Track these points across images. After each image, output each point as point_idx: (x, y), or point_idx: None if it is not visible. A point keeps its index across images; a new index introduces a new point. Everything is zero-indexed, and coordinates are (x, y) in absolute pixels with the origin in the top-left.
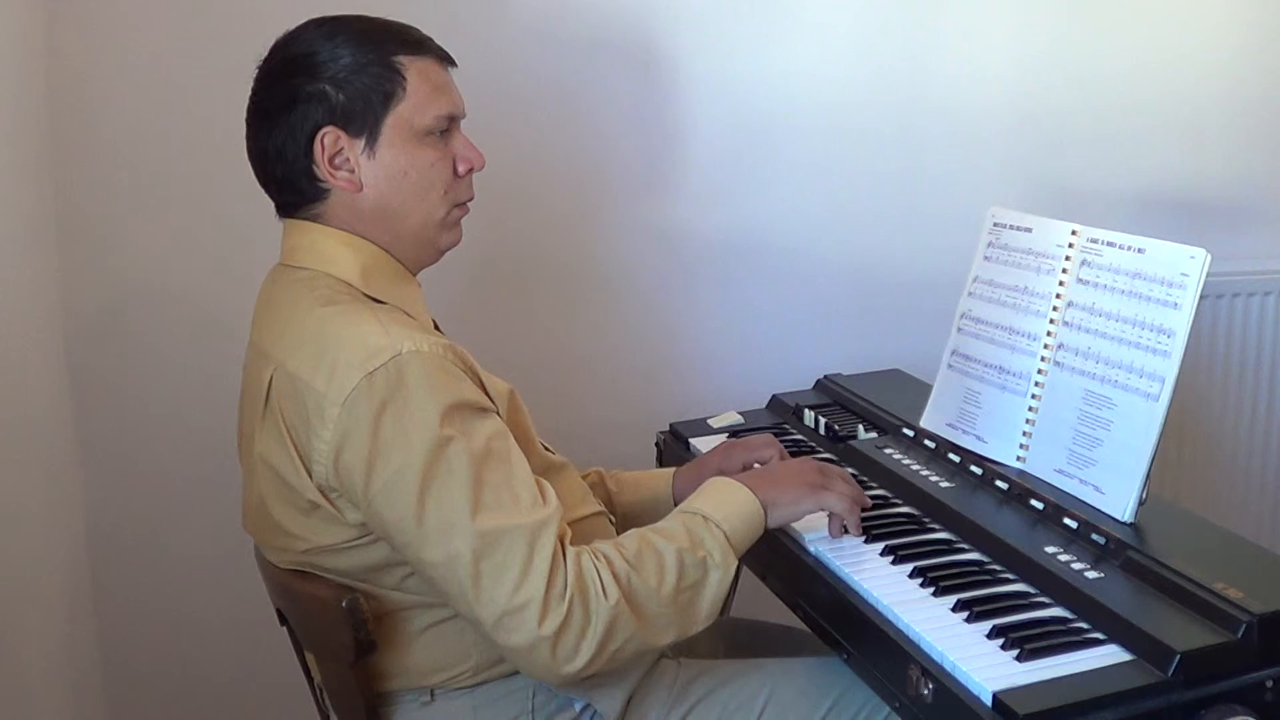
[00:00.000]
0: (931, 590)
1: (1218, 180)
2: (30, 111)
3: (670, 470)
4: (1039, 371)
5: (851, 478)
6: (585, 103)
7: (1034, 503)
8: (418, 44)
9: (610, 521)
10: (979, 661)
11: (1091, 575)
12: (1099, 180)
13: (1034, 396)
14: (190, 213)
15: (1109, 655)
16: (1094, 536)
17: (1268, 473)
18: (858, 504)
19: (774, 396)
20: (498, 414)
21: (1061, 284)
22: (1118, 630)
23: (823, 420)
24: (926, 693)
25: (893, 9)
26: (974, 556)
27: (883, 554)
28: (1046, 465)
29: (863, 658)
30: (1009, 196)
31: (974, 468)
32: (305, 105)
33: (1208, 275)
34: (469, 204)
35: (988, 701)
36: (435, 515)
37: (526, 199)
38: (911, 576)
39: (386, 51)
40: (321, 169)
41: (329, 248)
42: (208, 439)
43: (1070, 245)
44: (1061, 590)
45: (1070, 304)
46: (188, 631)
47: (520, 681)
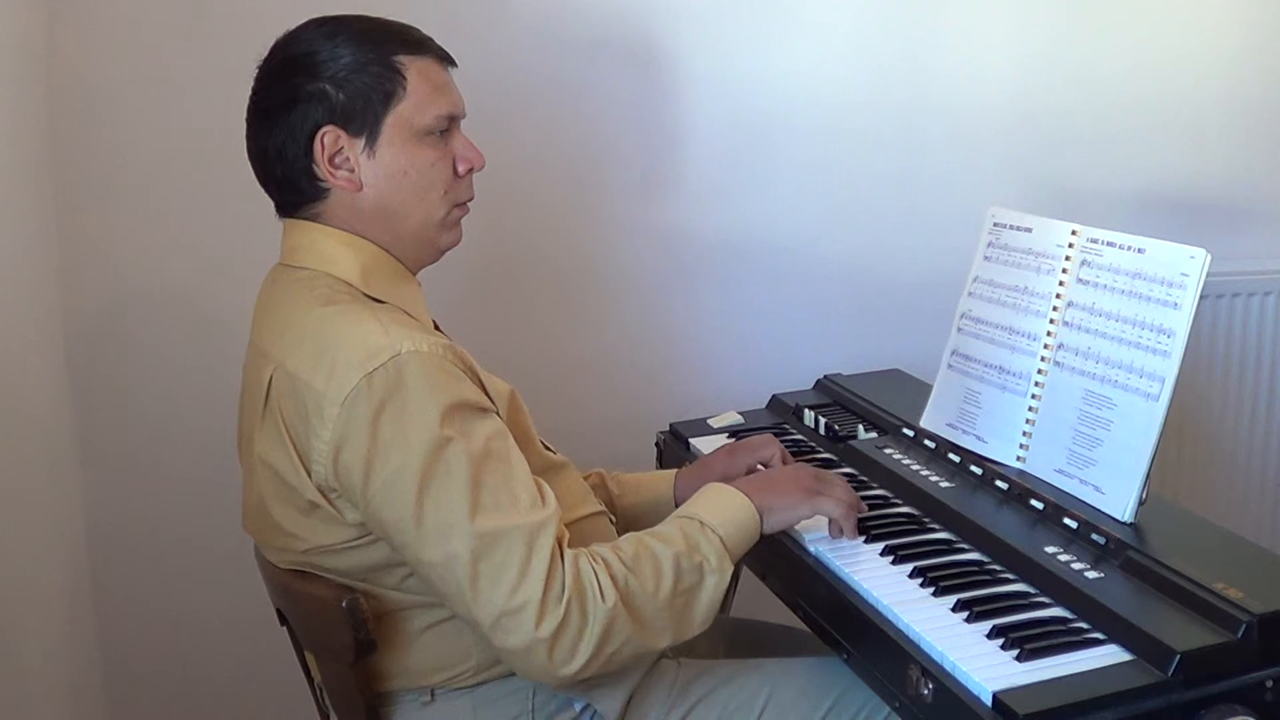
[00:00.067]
0: (931, 590)
1: (1218, 180)
2: (30, 111)
3: (672, 472)
4: (1039, 371)
5: (847, 483)
6: (585, 103)
7: (1034, 503)
8: (418, 44)
9: (611, 522)
10: (979, 661)
11: (1091, 575)
12: (1099, 180)
13: (1034, 396)
14: (190, 213)
15: (1109, 655)
16: (1094, 536)
17: (1268, 473)
18: (853, 509)
19: (774, 396)
20: (497, 414)
21: (1061, 284)
22: (1118, 630)
23: (823, 420)
24: (926, 693)
25: (893, 9)
26: (974, 556)
27: (883, 554)
28: (1046, 465)
29: (863, 658)
30: (1009, 196)
31: (974, 468)
32: (305, 105)
33: (1208, 275)
34: (469, 204)
35: (988, 701)
36: (433, 516)
37: (526, 199)
38: (911, 576)
39: (387, 51)
40: (321, 168)
41: (329, 247)
42: (208, 439)
43: (1070, 245)
44: (1061, 590)
45: (1070, 304)
46: (188, 631)
47: (520, 681)
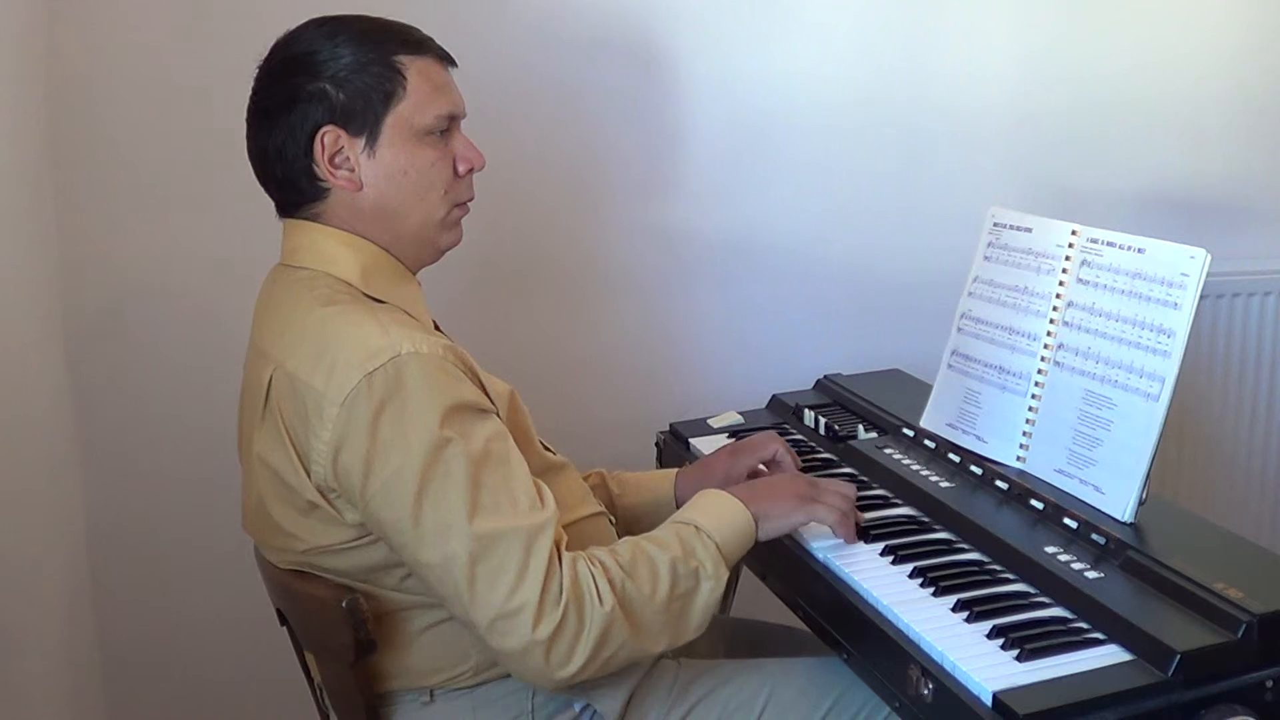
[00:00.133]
0: (931, 590)
1: (1218, 180)
2: (30, 111)
3: (672, 472)
4: (1039, 371)
5: (845, 487)
6: (585, 103)
7: (1034, 503)
8: (418, 44)
9: (611, 522)
10: (979, 661)
11: (1091, 575)
12: (1099, 180)
13: (1034, 396)
14: (190, 213)
15: (1109, 655)
16: (1094, 536)
17: (1268, 473)
18: (849, 516)
19: (774, 396)
20: (497, 415)
21: (1061, 284)
22: (1118, 630)
23: (823, 420)
24: (926, 693)
25: (893, 9)
26: (974, 556)
27: (883, 554)
28: (1046, 465)
29: (863, 658)
30: (1009, 196)
31: (974, 468)
32: (305, 104)
33: (1208, 275)
34: (469, 204)
35: (988, 701)
36: (432, 517)
37: (526, 199)
38: (911, 576)
39: (387, 51)
40: (322, 168)
41: (329, 247)
42: (208, 439)
43: (1070, 245)
44: (1061, 590)
45: (1070, 304)
46: (188, 631)
47: (520, 682)
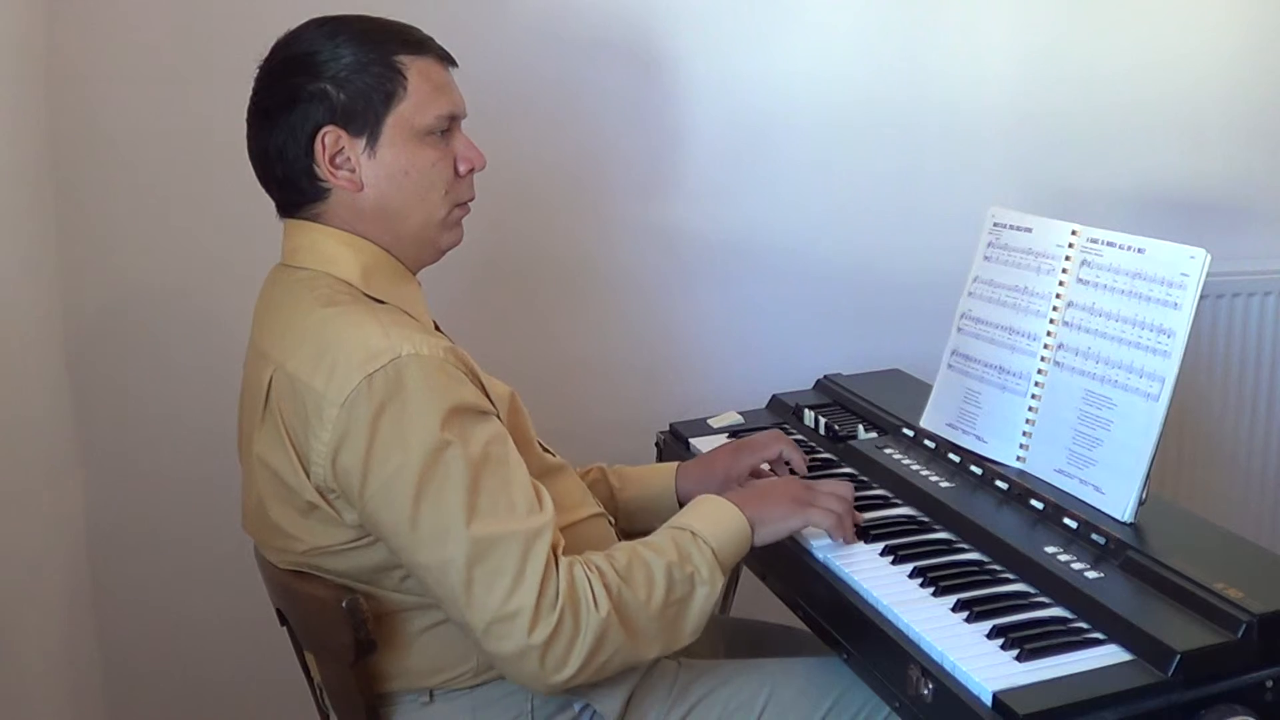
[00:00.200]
0: (931, 590)
1: (1218, 180)
2: (30, 111)
3: (673, 465)
4: (1039, 371)
5: (840, 489)
6: (586, 103)
7: (1034, 503)
8: (419, 44)
9: (610, 523)
10: (979, 661)
11: (1091, 575)
12: (1099, 180)
13: (1034, 396)
14: (190, 213)
15: (1109, 655)
16: (1094, 536)
17: (1268, 473)
18: (845, 519)
19: (774, 396)
20: (497, 417)
21: (1061, 284)
22: (1118, 630)
23: (823, 420)
24: (926, 693)
25: (893, 9)
26: (974, 556)
27: (883, 554)
28: (1046, 465)
29: (863, 658)
30: (1009, 196)
31: (974, 468)
32: (306, 104)
33: (1208, 275)
34: (470, 204)
35: (988, 701)
36: (430, 520)
37: (527, 199)
38: (911, 576)
39: (388, 51)
40: (322, 168)
41: (329, 248)
42: (208, 439)
43: (1070, 245)
44: (1061, 590)
45: (1070, 304)
46: (188, 631)
47: None
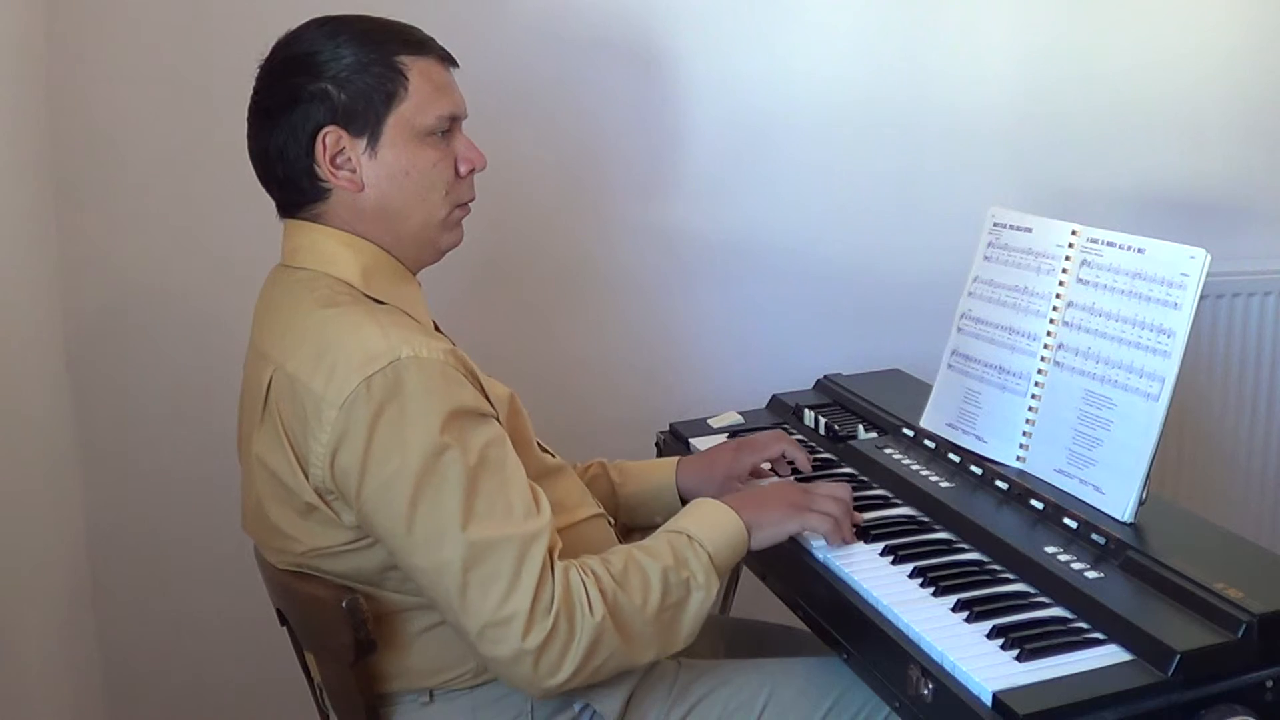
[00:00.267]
0: (931, 590)
1: (1218, 180)
2: (30, 111)
3: (673, 460)
4: (1039, 371)
5: (838, 491)
6: (585, 103)
7: (1034, 503)
8: (420, 44)
9: (609, 523)
10: (979, 661)
11: (1091, 575)
12: (1099, 180)
13: (1034, 396)
14: (190, 213)
15: (1109, 655)
16: (1094, 536)
17: (1268, 473)
18: (842, 522)
19: (774, 396)
20: (497, 419)
21: (1061, 284)
22: (1118, 630)
23: (823, 420)
24: (926, 693)
25: (893, 9)
26: (974, 556)
27: (883, 554)
28: (1046, 465)
29: (863, 658)
30: (1009, 196)
31: (974, 468)
32: (307, 105)
33: (1208, 275)
34: (470, 204)
35: (988, 701)
36: (426, 522)
37: (527, 199)
38: (911, 576)
39: (388, 51)
40: (323, 168)
41: (329, 248)
42: (208, 439)
43: (1070, 245)
44: (1061, 590)
45: (1070, 304)
46: (188, 631)
47: None
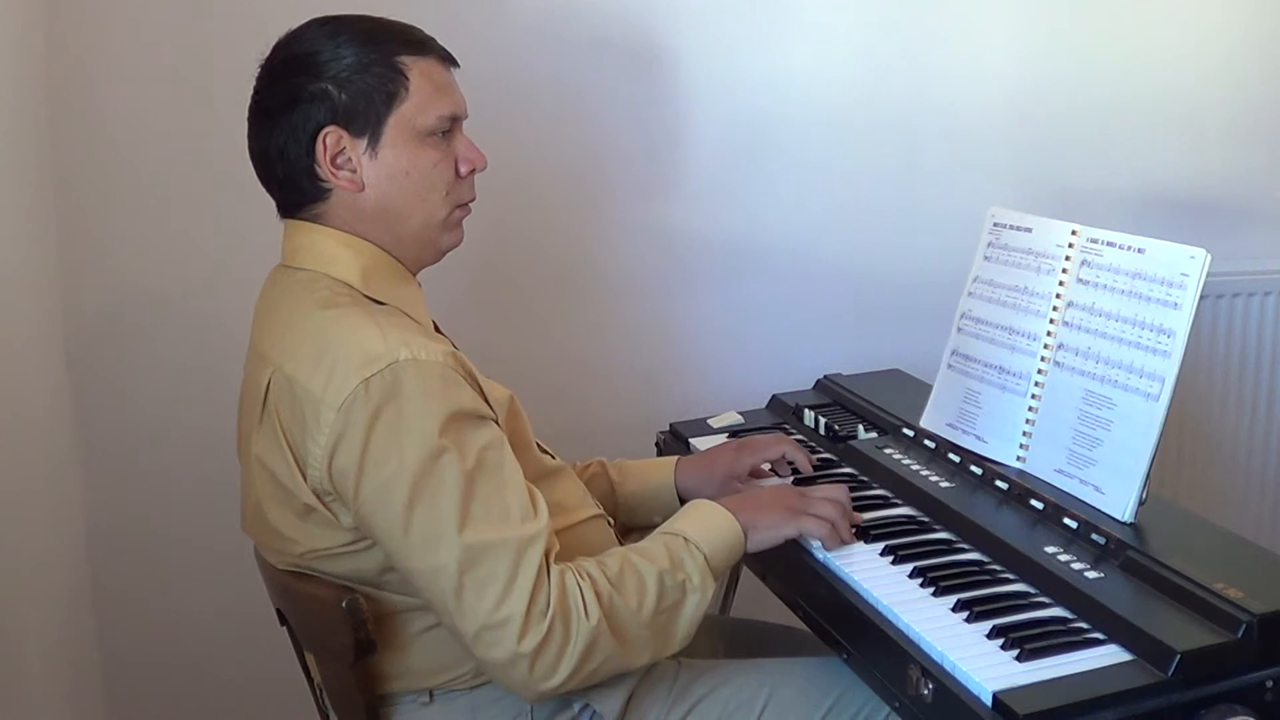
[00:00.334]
0: (931, 590)
1: (1218, 180)
2: (30, 111)
3: (673, 459)
4: (1039, 371)
5: (835, 493)
6: (586, 102)
7: (1034, 503)
8: (420, 44)
9: (609, 524)
10: (979, 661)
11: (1091, 575)
12: (1099, 180)
13: (1034, 396)
14: (190, 213)
15: (1109, 655)
16: (1094, 536)
17: (1268, 473)
18: (840, 525)
19: (774, 396)
20: (495, 421)
21: (1061, 284)
22: (1118, 630)
23: (823, 420)
24: (926, 693)
25: (892, 9)
26: (974, 556)
27: (883, 554)
28: (1046, 465)
29: (863, 658)
30: (1009, 196)
31: (974, 468)
32: (307, 105)
33: (1208, 275)
34: (470, 205)
35: (988, 701)
36: (422, 525)
37: (527, 199)
38: (911, 576)
39: (389, 51)
40: (323, 169)
41: (329, 248)
42: (208, 439)
43: (1070, 245)
44: (1061, 590)
45: (1070, 304)
46: (188, 631)
47: None
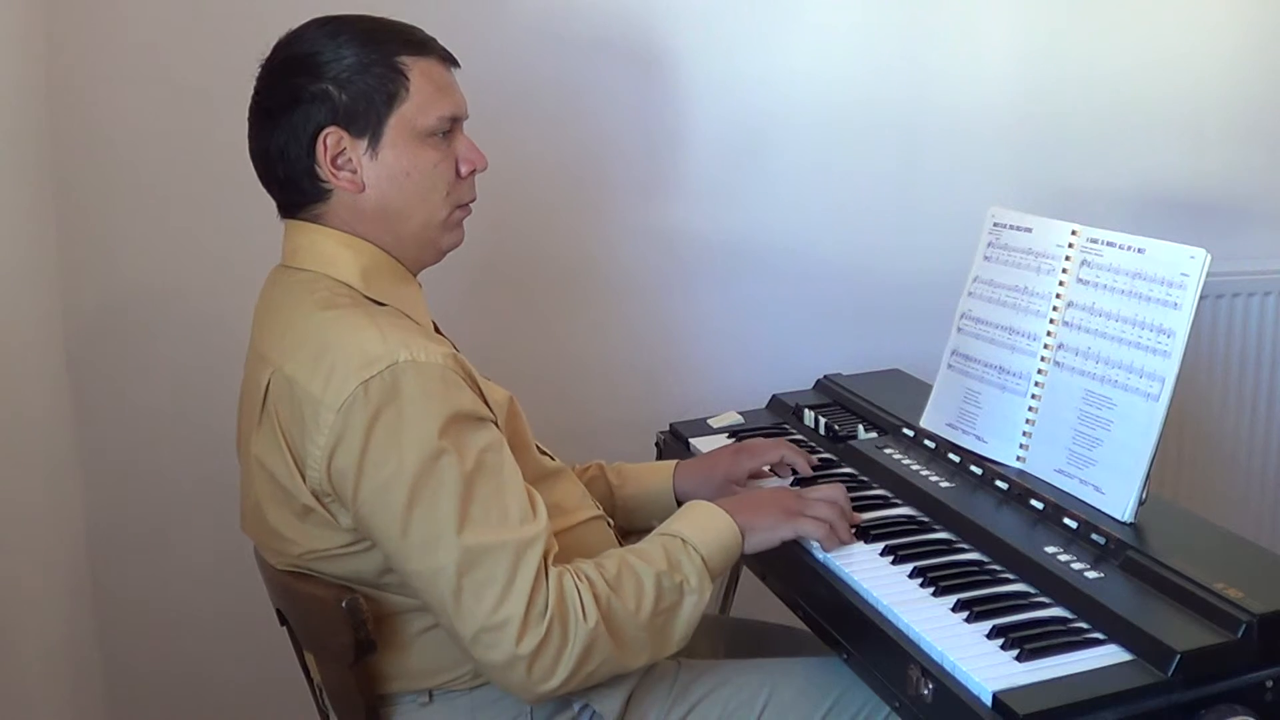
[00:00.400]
0: (931, 590)
1: (1218, 180)
2: (30, 111)
3: (672, 463)
4: (1039, 371)
5: (833, 494)
6: (586, 102)
7: (1034, 503)
8: (421, 44)
9: (608, 525)
10: (979, 661)
11: (1091, 575)
12: (1099, 180)
13: (1034, 396)
14: (190, 213)
15: (1109, 655)
16: (1094, 536)
17: (1268, 473)
18: (838, 526)
19: (774, 396)
20: (495, 423)
21: (1061, 284)
22: (1118, 630)
23: (823, 420)
24: (926, 693)
25: (893, 9)
26: (974, 556)
27: (883, 554)
28: (1046, 465)
29: (863, 658)
30: (1009, 196)
31: (974, 468)
32: (308, 105)
33: (1208, 275)
34: (471, 205)
35: (988, 701)
36: (421, 527)
37: (527, 199)
38: (911, 576)
39: (390, 52)
40: (324, 169)
41: (329, 249)
42: (208, 439)
43: (1070, 245)
44: (1061, 590)
45: (1070, 304)
46: (188, 631)
47: None
